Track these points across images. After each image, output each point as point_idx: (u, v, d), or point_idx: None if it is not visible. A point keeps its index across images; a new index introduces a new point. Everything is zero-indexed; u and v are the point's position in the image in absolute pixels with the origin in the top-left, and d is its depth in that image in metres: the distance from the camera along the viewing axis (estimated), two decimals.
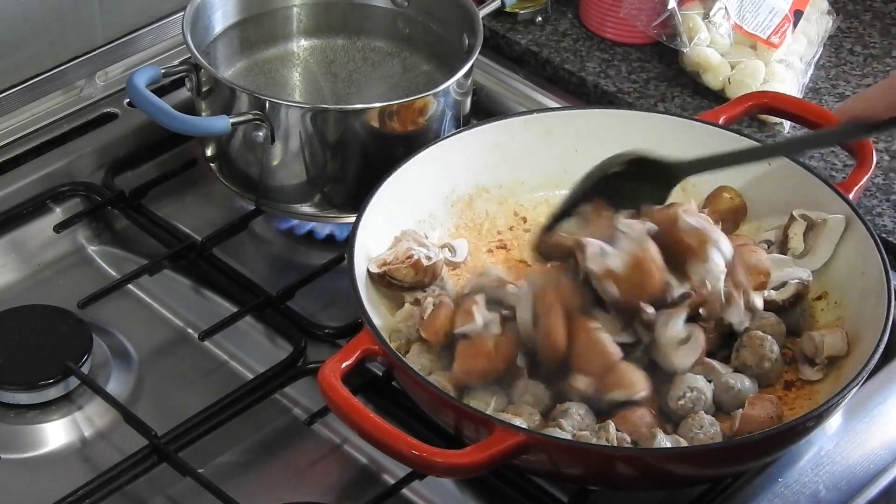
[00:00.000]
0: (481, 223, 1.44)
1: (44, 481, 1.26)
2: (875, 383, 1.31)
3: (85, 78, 1.58)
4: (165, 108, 1.37)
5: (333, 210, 1.46)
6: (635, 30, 1.68)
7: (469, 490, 1.26)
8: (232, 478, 1.26)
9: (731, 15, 1.63)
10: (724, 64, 1.62)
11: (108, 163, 1.53)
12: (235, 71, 1.55)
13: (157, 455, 1.25)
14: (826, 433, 1.28)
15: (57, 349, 1.33)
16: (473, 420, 1.16)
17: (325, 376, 1.16)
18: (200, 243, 1.45)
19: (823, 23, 1.69)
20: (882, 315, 1.24)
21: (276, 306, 1.39)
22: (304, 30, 1.60)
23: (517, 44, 1.70)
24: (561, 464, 1.17)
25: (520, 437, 1.13)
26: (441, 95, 1.43)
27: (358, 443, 1.29)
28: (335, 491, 1.28)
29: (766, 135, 1.57)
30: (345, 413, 1.15)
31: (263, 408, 1.32)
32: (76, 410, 1.32)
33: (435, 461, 1.12)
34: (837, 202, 1.35)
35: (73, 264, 1.47)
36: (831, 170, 1.52)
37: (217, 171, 1.49)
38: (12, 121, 1.54)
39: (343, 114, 1.41)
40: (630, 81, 1.65)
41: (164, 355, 1.39)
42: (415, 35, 1.58)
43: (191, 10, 1.47)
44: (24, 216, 1.48)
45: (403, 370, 1.19)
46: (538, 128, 1.44)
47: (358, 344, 1.20)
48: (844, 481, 1.25)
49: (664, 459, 1.17)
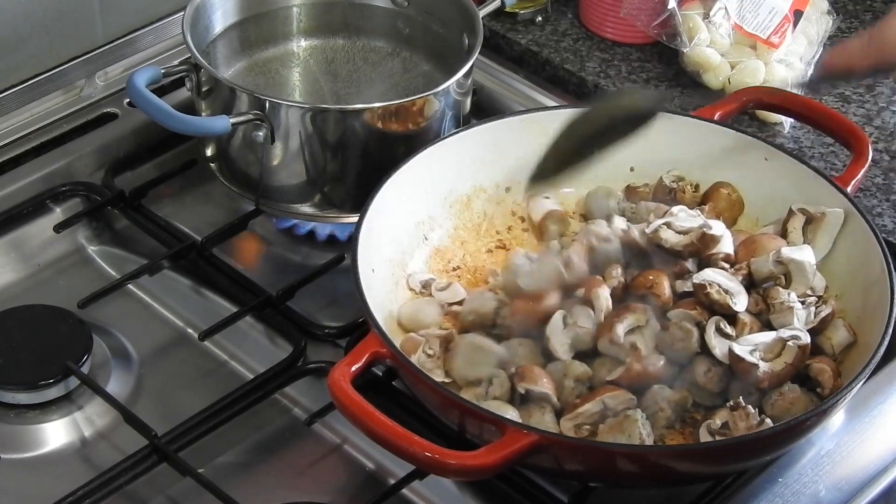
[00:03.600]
0: (479, 223, 1.44)
1: (44, 481, 1.26)
2: (876, 383, 1.31)
3: (85, 78, 1.58)
4: (165, 108, 1.37)
5: (333, 210, 1.46)
6: (635, 30, 1.68)
7: (469, 490, 1.26)
8: (232, 478, 1.26)
9: (731, 15, 1.63)
10: (724, 64, 1.62)
11: (108, 163, 1.53)
12: (235, 71, 1.55)
13: (157, 455, 1.25)
14: (827, 433, 1.28)
15: (57, 349, 1.33)
16: (485, 421, 1.16)
17: (335, 381, 1.16)
18: (200, 243, 1.45)
19: (823, 23, 1.69)
20: (885, 309, 1.24)
21: (276, 306, 1.39)
22: (304, 30, 1.60)
23: (517, 44, 1.70)
24: (570, 463, 1.17)
25: (532, 438, 1.13)
26: (441, 95, 1.43)
27: (358, 443, 1.29)
28: (335, 491, 1.28)
29: (766, 134, 1.57)
30: (357, 417, 1.15)
31: (263, 408, 1.32)
32: (76, 410, 1.32)
33: (448, 463, 1.12)
34: (836, 196, 1.36)
35: (73, 264, 1.47)
36: (831, 169, 1.52)
37: (217, 171, 1.49)
38: (12, 121, 1.54)
39: (343, 114, 1.41)
40: (630, 81, 1.65)
41: (164, 355, 1.39)
42: (415, 35, 1.58)
43: (191, 10, 1.47)
44: (24, 216, 1.48)
45: (412, 372, 1.19)
46: (535, 127, 1.43)
47: (366, 347, 1.20)
48: (844, 481, 1.25)
49: (671, 457, 1.17)
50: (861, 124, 1.57)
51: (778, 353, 1.24)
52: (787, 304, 1.27)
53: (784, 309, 1.27)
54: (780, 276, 1.30)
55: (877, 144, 1.56)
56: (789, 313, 1.26)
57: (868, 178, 1.51)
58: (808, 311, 1.27)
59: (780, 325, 1.27)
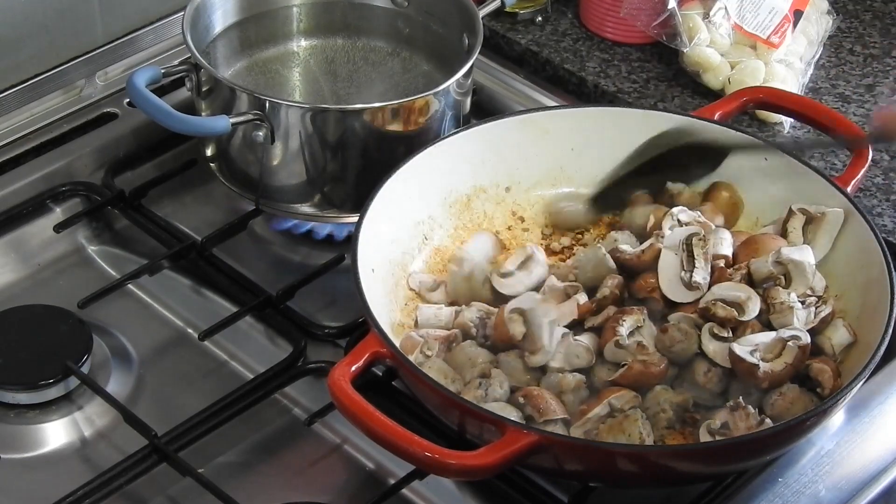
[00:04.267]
0: (479, 223, 1.43)
1: (44, 481, 1.26)
2: (875, 383, 1.31)
3: (85, 78, 1.58)
4: (165, 108, 1.37)
5: (333, 210, 1.46)
6: (635, 30, 1.68)
7: (469, 490, 1.26)
8: (232, 478, 1.26)
9: (731, 15, 1.63)
10: (724, 64, 1.62)
11: (108, 163, 1.53)
12: (235, 71, 1.55)
13: (157, 455, 1.25)
14: (827, 432, 1.28)
15: (57, 349, 1.33)
16: (485, 421, 1.16)
17: (335, 381, 1.16)
18: (200, 243, 1.45)
19: (823, 23, 1.69)
20: (885, 309, 1.24)
21: (276, 306, 1.39)
22: (304, 30, 1.59)
23: (517, 44, 1.70)
24: (571, 462, 1.17)
25: (532, 438, 1.13)
26: (441, 95, 1.43)
27: (358, 443, 1.29)
28: (335, 491, 1.28)
29: (766, 133, 1.57)
30: (357, 417, 1.15)
31: (263, 408, 1.32)
32: (76, 410, 1.32)
33: (449, 463, 1.12)
34: (836, 196, 1.36)
35: (73, 264, 1.47)
36: (831, 169, 1.52)
37: (217, 171, 1.49)
38: (12, 121, 1.54)
39: (343, 114, 1.41)
40: (630, 81, 1.65)
41: (164, 355, 1.39)
42: (415, 35, 1.58)
43: (191, 10, 1.47)
44: (24, 216, 1.48)
45: (412, 372, 1.19)
46: (535, 127, 1.44)
47: (366, 347, 1.20)
48: (844, 481, 1.25)
49: (671, 457, 1.17)
50: (861, 124, 1.57)
51: (778, 353, 1.24)
52: (788, 304, 1.27)
53: (784, 309, 1.27)
54: (780, 276, 1.30)
55: (877, 144, 1.56)
56: (789, 313, 1.26)
57: (868, 178, 1.51)
58: (808, 312, 1.27)
59: (780, 325, 1.26)
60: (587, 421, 1.19)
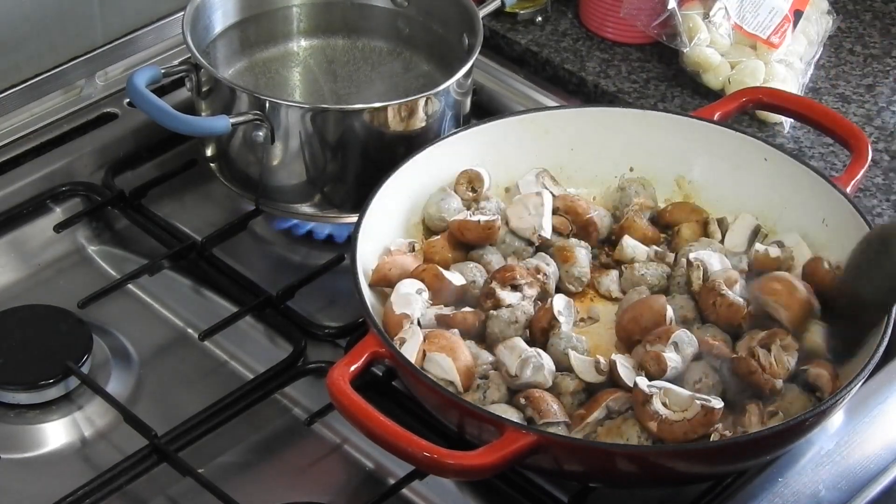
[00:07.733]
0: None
1: (44, 481, 1.26)
2: (875, 383, 1.31)
3: (85, 78, 1.58)
4: (165, 108, 1.37)
5: (333, 210, 1.46)
6: (635, 30, 1.68)
7: (469, 490, 1.26)
8: (232, 478, 1.26)
9: (731, 15, 1.63)
10: (724, 64, 1.62)
11: (108, 163, 1.53)
12: (235, 71, 1.55)
13: (157, 455, 1.25)
14: (826, 432, 1.28)
15: (57, 349, 1.33)
16: (484, 421, 1.16)
17: (334, 381, 1.16)
18: (200, 243, 1.45)
19: (823, 23, 1.69)
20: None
21: (276, 306, 1.39)
22: (304, 30, 1.60)
23: (517, 44, 1.70)
24: (570, 463, 1.17)
25: (532, 438, 1.13)
26: (441, 95, 1.43)
27: (358, 443, 1.29)
28: (335, 491, 1.28)
29: (766, 134, 1.57)
30: (356, 417, 1.15)
31: (263, 408, 1.32)
32: (76, 410, 1.32)
33: (448, 463, 1.12)
34: (836, 196, 1.35)
35: (73, 264, 1.47)
36: (831, 169, 1.52)
37: (217, 171, 1.49)
38: (12, 121, 1.55)
39: (343, 114, 1.41)
40: (630, 81, 1.65)
41: (164, 355, 1.39)
42: (415, 35, 1.58)
43: (191, 10, 1.48)
44: (24, 216, 1.48)
45: (411, 372, 1.19)
46: (535, 127, 1.44)
47: (365, 347, 1.20)
48: (844, 481, 1.25)
49: (671, 457, 1.17)
50: (861, 124, 1.57)
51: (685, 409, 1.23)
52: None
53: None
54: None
55: (877, 144, 1.56)
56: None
57: (868, 178, 1.51)
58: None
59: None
60: (587, 425, 1.19)
